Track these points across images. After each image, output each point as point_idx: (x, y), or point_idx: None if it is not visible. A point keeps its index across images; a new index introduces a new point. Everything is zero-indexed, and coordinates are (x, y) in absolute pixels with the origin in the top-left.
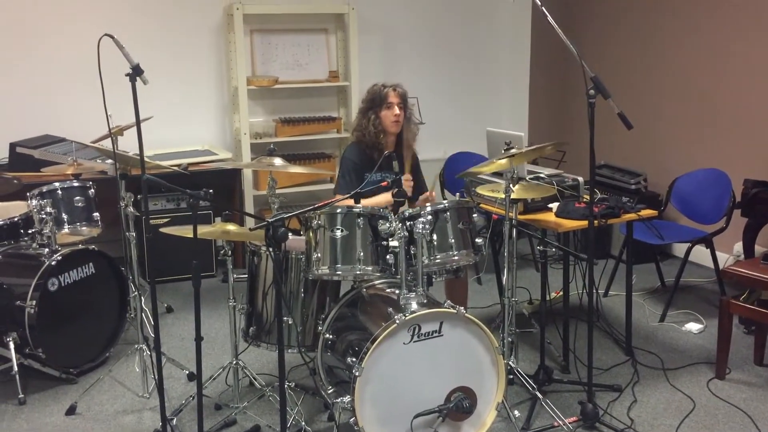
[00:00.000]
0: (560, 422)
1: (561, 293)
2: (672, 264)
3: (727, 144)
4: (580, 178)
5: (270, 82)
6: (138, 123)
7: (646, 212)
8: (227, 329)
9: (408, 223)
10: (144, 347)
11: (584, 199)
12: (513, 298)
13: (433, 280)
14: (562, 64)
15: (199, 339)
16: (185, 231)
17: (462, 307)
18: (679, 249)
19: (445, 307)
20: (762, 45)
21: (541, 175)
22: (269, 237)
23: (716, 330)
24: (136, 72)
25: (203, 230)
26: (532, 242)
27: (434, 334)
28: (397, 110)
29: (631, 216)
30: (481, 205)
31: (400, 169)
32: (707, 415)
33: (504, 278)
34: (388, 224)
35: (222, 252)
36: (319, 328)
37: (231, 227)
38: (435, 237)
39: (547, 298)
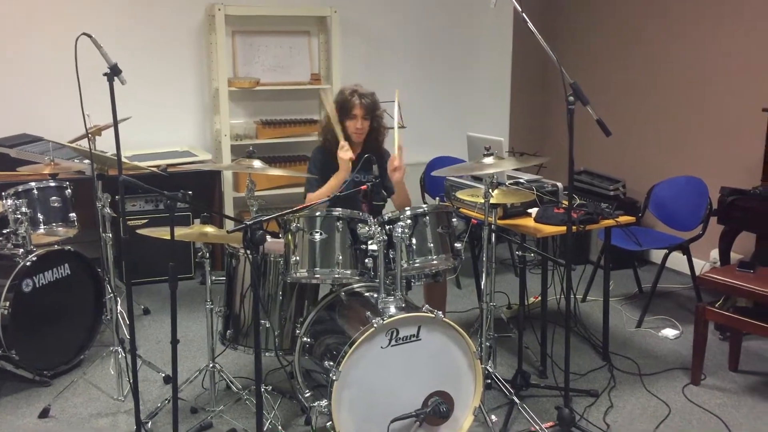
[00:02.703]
0: (537, 427)
1: (539, 298)
2: (650, 270)
3: (704, 152)
4: (560, 184)
5: (251, 84)
6: (115, 123)
7: (624, 218)
8: (204, 332)
9: (387, 227)
10: (119, 350)
11: (563, 205)
12: (492, 303)
13: (412, 284)
14: (543, 70)
15: (175, 342)
16: (163, 232)
17: (440, 312)
18: (657, 255)
19: (423, 311)
20: (740, 54)
21: (521, 181)
22: (247, 240)
23: (692, 336)
24: (113, 72)
25: (181, 232)
26: (511, 247)
27: (412, 339)
28: (359, 123)
29: (610, 222)
30: (461, 210)
31: (381, 174)
32: (682, 421)
33: (483, 283)
34: (367, 228)
35: (200, 254)
36: (297, 331)
37: (209, 229)
38: (414, 241)
39: (526, 303)
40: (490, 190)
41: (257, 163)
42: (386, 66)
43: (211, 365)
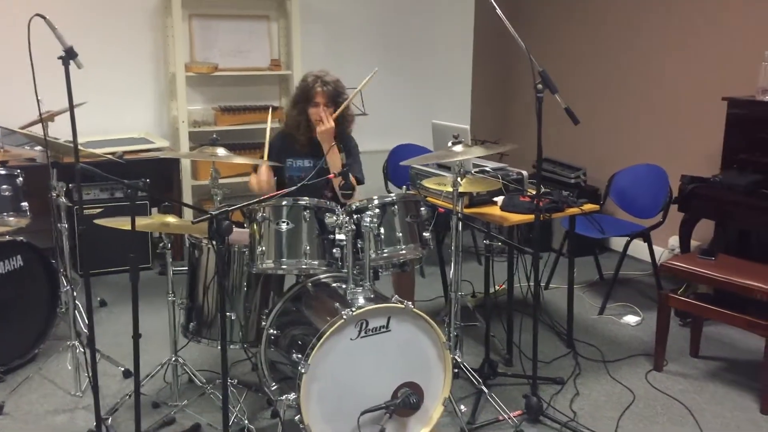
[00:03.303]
0: (505, 416)
1: (504, 286)
2: (609, 257)
3: (663, 140)
4: (525, 172)
5: (209, 69)
6: (71, 108)
7: (588, 206)
8: (166, 324)
9: (355, 216)
10: (77, 344)
11: (528, 193)
12: (459, 293)
13: (380, 274)
14: (505, 57)
15: (136, 336)
16: (122, 223)
17: (410, 302)
18: (617, 242)
19: (393, 302)
20: (698, 44)
21: (486, 169)
22: (213, 230)
23: (653, 322)
24: (69, 55)
25: (141, 222)
26: (475, 235)
27: (382, 330)
28: (321, 110)
29: (574, 210)
30: (428, 199)
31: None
32: (646, 407)
33: (451, 272)
34: (335, 217)
35: (161, 245)
36: (263, 323)
37: (170, 219)
38: (382, 230)
39: (493, 291)
40: (459, 179)
41: (221, 151)
42: (347, 52)
43: (173, 359)
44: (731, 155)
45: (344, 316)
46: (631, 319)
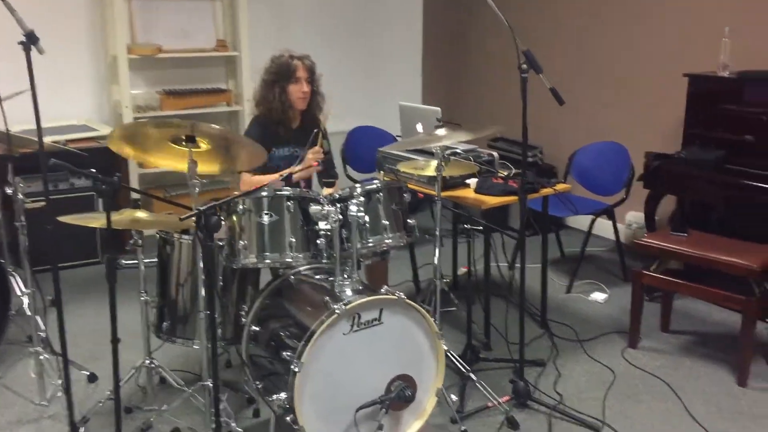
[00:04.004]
0: (494, 402)
1: (468, 268)
2: (567, 234)
3: (623, 117)
4: (495, 154)
5: (153, 51)
6: (34, 96)
7: (561, 186)
8: (130, 323)
9: (338, 206)
10: (39, 349)
11: (500, 175)
12: (444, 279)
13: (361, 263)
14: (455, 33)
15: (115, 340)
16: (91, 220)
17: (401, 293)
18: (574, 220)
19: (384, 294)
20: (659, 20)
21: (458, 151)
22: (201, 226)
23: (620, 299)
24: (30, 40)
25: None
26: (434, 216)
27: (374, 323)
28: (305, 86)
29: (548, 190)
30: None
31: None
32: (628, 386)
33: (436, 258)
34: (320, 207)
35: (131, 241)
36: (243, 319)
37: (141, 215)
38: (367, 219)
39: (473, 275)
40: (443, 163)
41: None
42: (295, 33)
43: (147, 361)
44: (692, 131)
45: (337, 311)
46: (598, 296)
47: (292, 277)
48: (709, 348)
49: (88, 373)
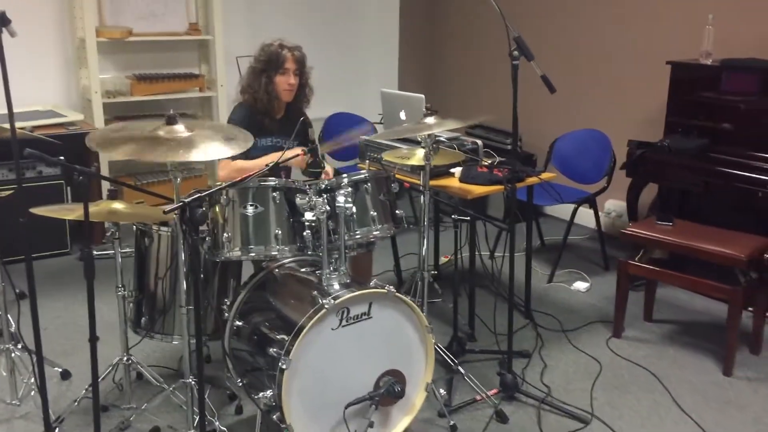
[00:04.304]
0: (483, 395)
1: (450, 258)
2: (545, 223)
3: (603, 105)
4: (479, 142)
5: (123, 34)
6: (5, 80)
7: (546, 175)
8: (105, 316)
9: (325, 196)
10: (11, 347)
11: (484, 163)
12: (432, 271)
13: (346, 255)
14: (433, 18)
15: (93, 339)
16: (65, 212)
17: (391, 286)
18: (552, 209)
19: (374, 287)
20: (641, 6)
21: (441, 139)
22: (186, 219)
23: (602, 287)
24: (1, 22)
25: (81, 212)
26: (414, 204)
27: (363, 317)
28: (292, 78)
29: (534, 180)
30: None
31: (305, 138)
32: (614, 376)
33: (423, 249)
34: (307, 198)
35: (109, 233)
36: (225, 313)
37: (118, 206)
38: (355, 210)
39: (458, 265)
40: (431, 152)
41: (180, 129)
42: (269, 16)
43: (125, 358)
44: (674, 119)
45: (326, 306)
46: (580, 285)
47: (277, 270)
48: (693, 337)
49: (60, 370)
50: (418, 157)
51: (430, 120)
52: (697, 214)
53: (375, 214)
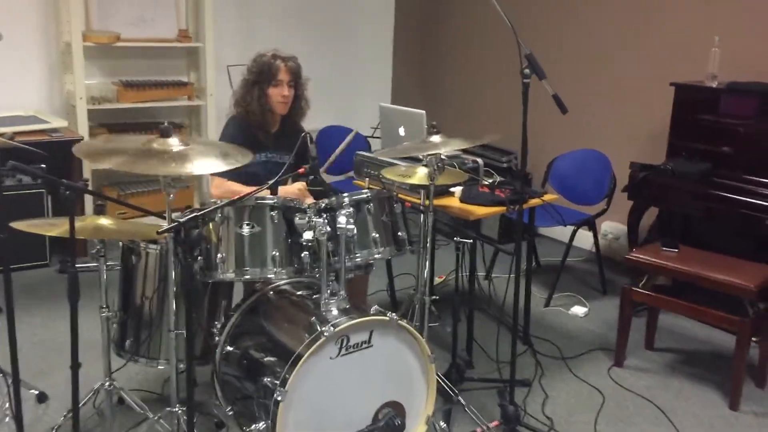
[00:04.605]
0: (483, 427)
1: (444, 278)
2: (539, 243)
3: (603, 125)
4: (480, 160)
5: (111, 39)
6: None
7: (549, 197)
8: (84, 334)
9: (325, 216)
10: None
11: (485, 183)
12: (432, 296)
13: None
14: (427, 31)
15: (75, 366)
16: (48, 227)
17: (393, 314)
18: (546, 229)
19: (375, 314)
20: (647, 28)
21: (442, 157)
22: (181, 241)
23: (601, 313)
24: None
25: (64, 228)
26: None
27: (363, 345)
28: (286, 90)
29: (537, 201)
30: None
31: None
32: (618, 408)
33: (425, 272)
34: (307, 218)
35: (95, 250)
36: (216, 337)
37: (105, 222)
38: (355, 231)
39: (460, 289)
40: (436, 171)
41: (174, 142)
42: (262, 25)
43: (107, 383)
44: (678, 142)
45: (325, 334)
46: (578, 310)
47: (271, 292)
48: (696, 367)
49: (37, 393)
50: (419, 175)
51: (435, 138)
52: (698, 240)
53: (377, 235)
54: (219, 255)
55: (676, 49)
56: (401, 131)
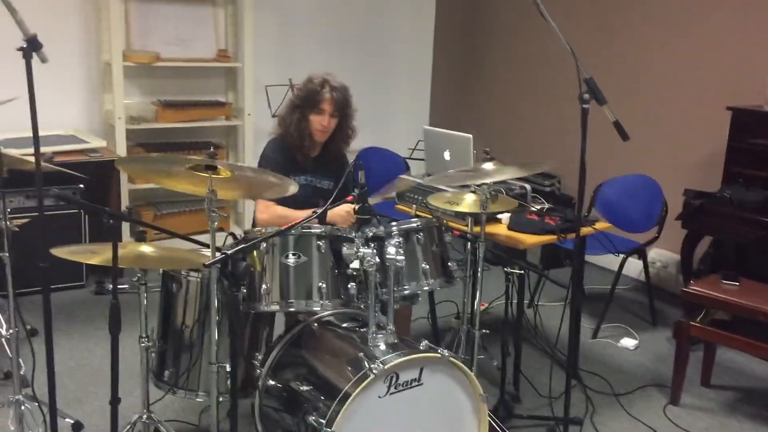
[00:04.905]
0: None
1: (486, 306)
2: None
3: (653, 149)
4: (528, 186)
5: (150, 59)
6: (33, 111)
7: (601, 225)
8: (121, 360)
9: (373, 245)
10: (21, 398)
11: (534, 209)
12: (482, 330)
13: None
14: (465, 54)
15: (115, 401)
16: (88, 255)
17: (445, 350)
18: (589, 257)
19: (425, 350)
20: (701, 49)
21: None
22: (227, 273)
23: (651, 345)
24: (32, 45)
25: (105, 255)
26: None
27: (413, 384)
28: (326, 120)
29: (588, 230)
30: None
31: (352, 183)
32: None
33: (476, 303)
34: (355, 248)
35: (135, 278)
36: (257, 370)
37: (147, 249)
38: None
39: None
40: (488, 200)
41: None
42: (301, 46)
43: (144, 416)
44: (735, 169)
45: (374, 371)
46: (628, 342)
47: (316, 324)
48: (755, 406)
49: (72, 422)
50: (467, 202)
51: (488, 165)
52: (753, 271)
53: (426, 266)
54: (263, 286)
55: (732, 72)
56: (446, 155)
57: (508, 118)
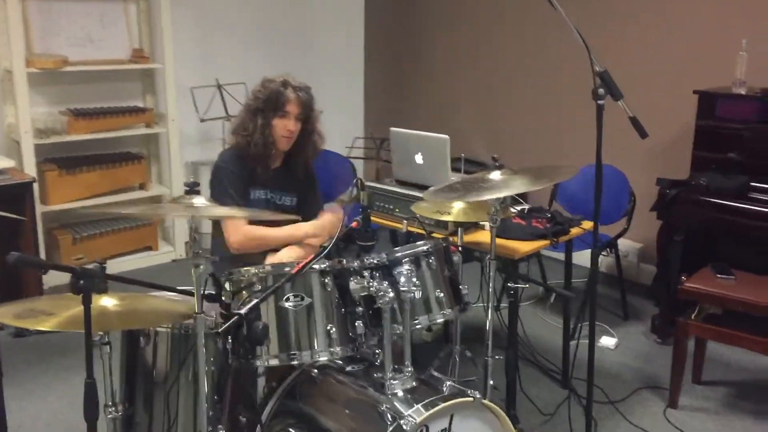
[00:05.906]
0: None
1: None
2: (536, 263)
3: (610, 139)
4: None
5: (56, 63)
6: None
7: (587, 224)
8: (47, 416)
9: (377, 275)
10: None
11: (514, 212)
12: (496, 357)
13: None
14: (400, 45)
15: None
16: (36, 318)
17: (476, 392)
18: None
19: (456, 395)
20: (657, 33)
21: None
22: (242, 337)
23: (629, 344)
24: None
25: (61, 316)
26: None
27: None
28: (292, 124)
29: (577, 230)
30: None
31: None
32: None
33: (488, 325)
34: (365, 282)
35: (97, 338)
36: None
37: (110, 303)
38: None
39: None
40: (499, 212)
41: (200, 202)
42: (223, 44)
43: None
44: (703, 154)
45: (405, 428)
46: (608, 341)
47: (315, 371)
48: (753, 402)
49: None
50: (455, 211)
51: (496, 175)
52: (723, 259)
53: (441, 294)
54: None
55: (699, 55)
56: (418, 158)
57: (446, 112)
